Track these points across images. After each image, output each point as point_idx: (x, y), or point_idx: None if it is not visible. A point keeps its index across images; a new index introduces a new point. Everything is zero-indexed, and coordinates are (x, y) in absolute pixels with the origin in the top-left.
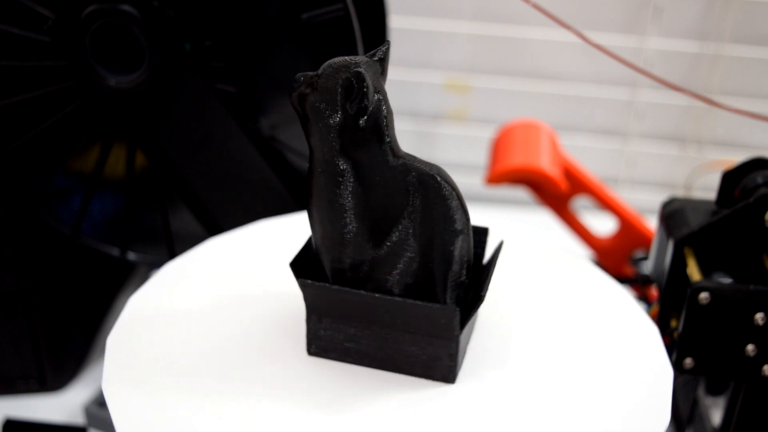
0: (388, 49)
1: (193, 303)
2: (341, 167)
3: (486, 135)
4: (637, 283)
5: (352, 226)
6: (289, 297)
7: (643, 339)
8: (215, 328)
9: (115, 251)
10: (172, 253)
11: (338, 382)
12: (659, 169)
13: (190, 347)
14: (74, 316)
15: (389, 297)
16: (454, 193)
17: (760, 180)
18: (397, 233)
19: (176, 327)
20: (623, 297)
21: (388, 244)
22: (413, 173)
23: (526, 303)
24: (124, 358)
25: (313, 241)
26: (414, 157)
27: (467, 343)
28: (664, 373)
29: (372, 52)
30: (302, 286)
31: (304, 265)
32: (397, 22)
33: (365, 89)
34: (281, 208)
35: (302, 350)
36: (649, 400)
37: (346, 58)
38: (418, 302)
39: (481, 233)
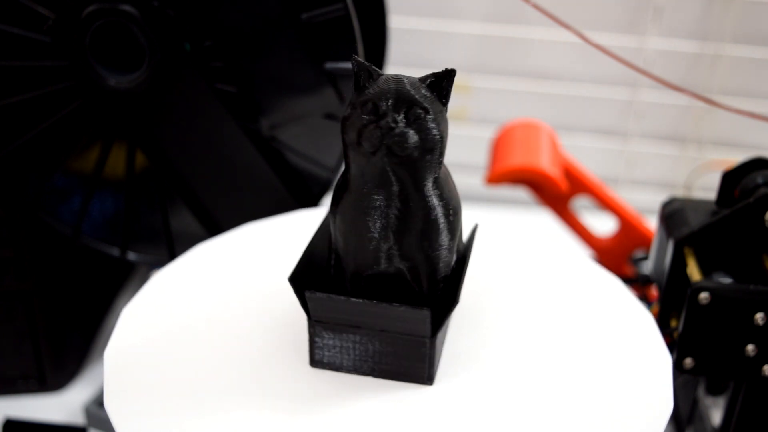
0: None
1: (192, 308)
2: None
3: (486, 135)
4: (637, 283)
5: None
6: (286, 299)
7: (643, 333)
8: (215, 334)
9: (115, 251)
10: (172, 253)
11: (333, 391)
12: (659, 169)
13: (190, 357)
14: (74, 316)
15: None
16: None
17: (760, 180)
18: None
19: (174, 335)
20: (624, 294)
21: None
22: None
23: (527, 301)
24: (124, 372)
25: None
26: None
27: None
28: (664, 364)
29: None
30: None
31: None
32: (397, 22)
33: None
34: (281, 208)
35: (302, 357)
36: (650, 393)
37: (389, 77)
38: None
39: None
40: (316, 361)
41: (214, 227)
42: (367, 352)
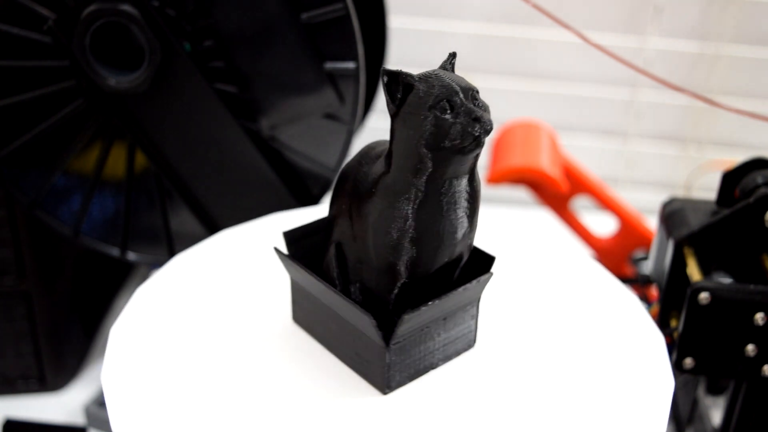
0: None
1: (184, 316)
2: None
3: None
4: (637, 283)
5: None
6: (281, 300)
7: (644, 336)
8: (209, 342)
9: (115, 251)
10: (172, 253)
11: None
12: (659, 169)
13: (187, 369)
14: (74, 316)
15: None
16: None
17: (760, 180)
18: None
19: (168, 346)
20: (622, 294)
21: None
22: None
23: (526, 300)
24: (124, 392)
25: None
26: None
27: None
28: (664, 371)
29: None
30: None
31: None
32: (397, 22)
33: None
34: (281, 208)
35: (302, 356)
36: (649, 390)
37: (430, 74)
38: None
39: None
40: (392, 387)
41: (214, 227)
42: (432, 347)
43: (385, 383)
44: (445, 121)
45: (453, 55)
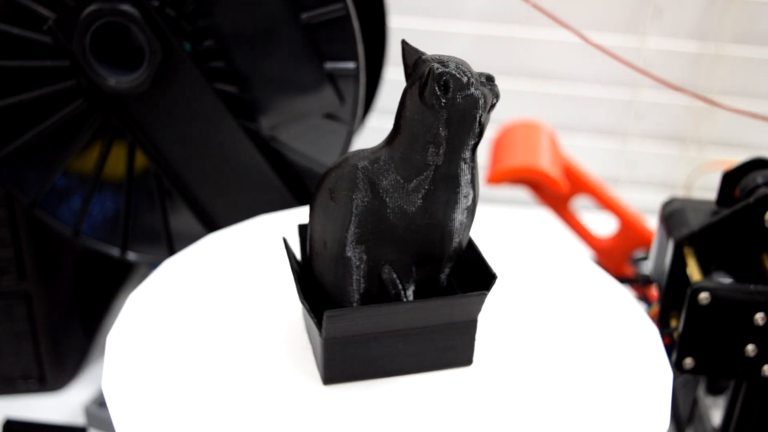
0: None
1: (193, 304)
2: None
3: (486, 135)
4: (637, 283)
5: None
6: (282, 294)
7: (642, 338)
8: (221, 328)
9: (115, 251)
10: (172, 253)
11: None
12: (659, 169)
13: (194, 349)
14: (74, 316)
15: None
16: None
17: (760, 180)
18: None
19: (180, 324)
20: (623, 296)
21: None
22: None
23: (524, 301)
24: (125, 358)
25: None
26: None
27: None
28: (663, 371)
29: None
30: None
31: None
32: (397, 22)
33: None
34: (281, 208)
35: (301, 353)
36: (648, 400)
37: (443, 58)
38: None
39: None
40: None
41: (214, 227)
42: None
43: (473, 354)
44: (484, 91)
45: (403, 43)
